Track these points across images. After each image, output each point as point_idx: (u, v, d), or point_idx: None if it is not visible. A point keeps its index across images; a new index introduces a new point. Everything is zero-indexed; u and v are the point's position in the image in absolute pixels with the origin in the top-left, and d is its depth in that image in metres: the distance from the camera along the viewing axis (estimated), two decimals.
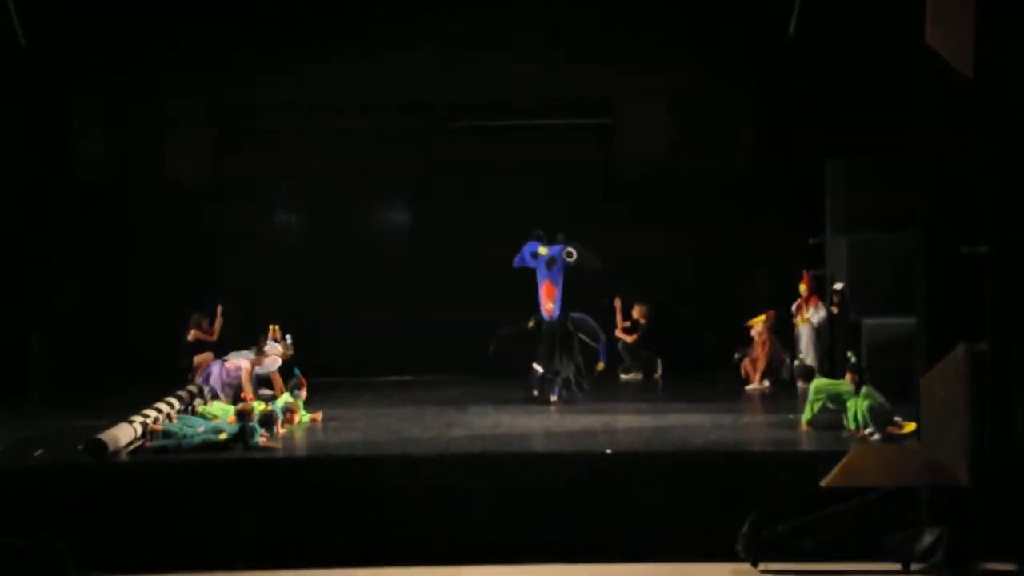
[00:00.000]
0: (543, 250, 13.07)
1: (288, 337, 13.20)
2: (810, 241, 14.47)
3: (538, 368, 13.05)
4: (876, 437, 10.63)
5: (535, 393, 13.02)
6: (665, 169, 15.32)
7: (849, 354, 11.78)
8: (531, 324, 13.12)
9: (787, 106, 14.84)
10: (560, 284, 12.98)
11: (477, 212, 15.21)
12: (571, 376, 13.00)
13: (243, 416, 10.75)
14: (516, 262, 13.25)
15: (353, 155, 15.62)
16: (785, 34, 13.59)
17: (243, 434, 10.50)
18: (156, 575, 9.60)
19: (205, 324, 13.89)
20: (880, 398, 10.81)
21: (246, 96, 15.31)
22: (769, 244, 15.07)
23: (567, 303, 13.07)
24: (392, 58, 15.10)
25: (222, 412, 11.61)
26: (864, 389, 10.87)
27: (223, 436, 10.54)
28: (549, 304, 12.98)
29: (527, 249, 13.17)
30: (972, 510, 9.32)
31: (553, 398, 12.94)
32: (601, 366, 13.31)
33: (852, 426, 10.84)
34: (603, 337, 13.26)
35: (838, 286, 13.47)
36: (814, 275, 14.02)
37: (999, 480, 9.35)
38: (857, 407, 10.81)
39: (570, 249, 13.01)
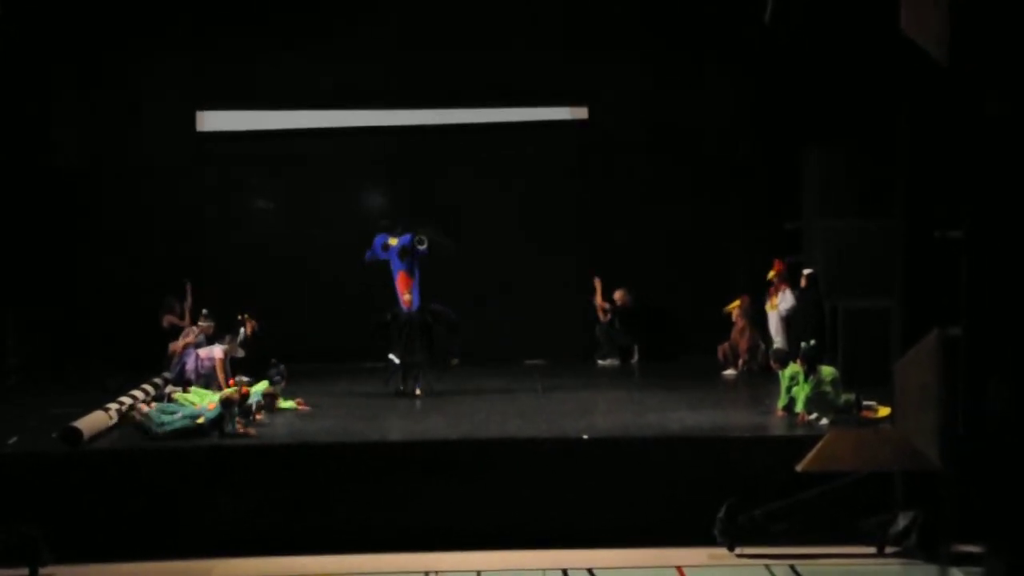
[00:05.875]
0: (393, 241, 12.68)
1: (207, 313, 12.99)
2: (787, 227, 14.50)
3: (394, 359, 12.65)
4: (824, 422, 10.69)
5: (400, 388, 12.61)
6: (643, 156, 15.33)
7: (805, 342, 11.77)
8: (389, 317, 12.71)
9: (765, 93, 14.88)
10: (416, 273, 12.58)
11: (457, 200, 15.17)
12: (424, 368, 12.64)
13: (227, 404, 10.68)
14: (367, 256, 12.89)
15: (331, 141, 15.55)
16: (762, 21, 13.61)
17: (220, 421, 10.47)
18: (132, 563, 9.60)
19: (177, 308, 13.80)
20: (828, 387, 10.84)
21: (223, 82, 15.25)
22: (747, 230, 15.12)
23: (425, 293, 12.70)
24: (367, 45, 15.11)
25: (199, 398, 11.56)
26: (824, 371, 10.92)
27: (200, 421, 10.51)
28: (407, 295, 12.56)
29: (377, 242, 12.81)
30: (945, 494, 9.38)
31: (418, 391, 12.55)
32: (455, 362, 12.99)
33: (798, 408, 10.91)
34: (459, 330, 12.82)
35: (807, 271, 13.49)
36: (791, 261, 14.05)
37: (972, 464, 9.41)
38: (802, 391, 10.89)
39: (420, 236, 12.54)
